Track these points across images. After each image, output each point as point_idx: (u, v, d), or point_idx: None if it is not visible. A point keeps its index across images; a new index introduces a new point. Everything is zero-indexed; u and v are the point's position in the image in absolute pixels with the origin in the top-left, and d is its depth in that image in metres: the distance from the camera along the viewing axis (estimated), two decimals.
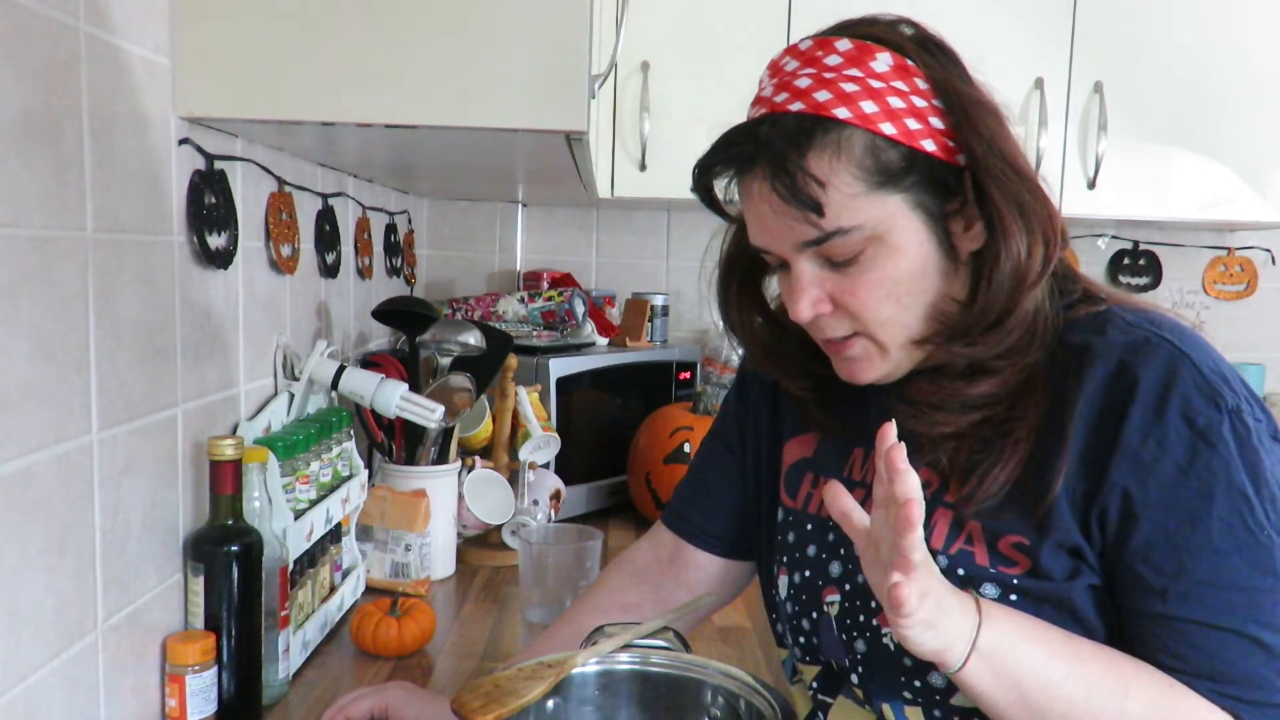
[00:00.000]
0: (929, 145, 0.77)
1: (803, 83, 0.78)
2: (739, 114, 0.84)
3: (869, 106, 0.76)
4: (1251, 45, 1.98)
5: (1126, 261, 2.45)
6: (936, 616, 0.70)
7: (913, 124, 0.77)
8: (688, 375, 2.17)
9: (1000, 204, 0.77)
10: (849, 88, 0.76)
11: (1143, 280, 2.45)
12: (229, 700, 1.05)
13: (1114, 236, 2.44)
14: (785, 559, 0.94)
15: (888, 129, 0.76)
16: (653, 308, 2.26)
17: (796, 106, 0.78)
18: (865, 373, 0.85)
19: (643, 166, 1.91)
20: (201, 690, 1.00)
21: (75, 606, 0.87)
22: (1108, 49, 1.96)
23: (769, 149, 0.78)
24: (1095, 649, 0.76)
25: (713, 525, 1.07)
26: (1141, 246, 2.45)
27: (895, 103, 0.76)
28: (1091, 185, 1.98)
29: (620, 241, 2.42)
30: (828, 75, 0.77)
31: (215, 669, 1.02)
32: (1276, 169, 2.00)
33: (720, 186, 0.85)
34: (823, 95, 0.77)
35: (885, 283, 0.80)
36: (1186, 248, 2.44)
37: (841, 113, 0.76)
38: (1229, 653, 0.73)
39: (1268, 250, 2.44)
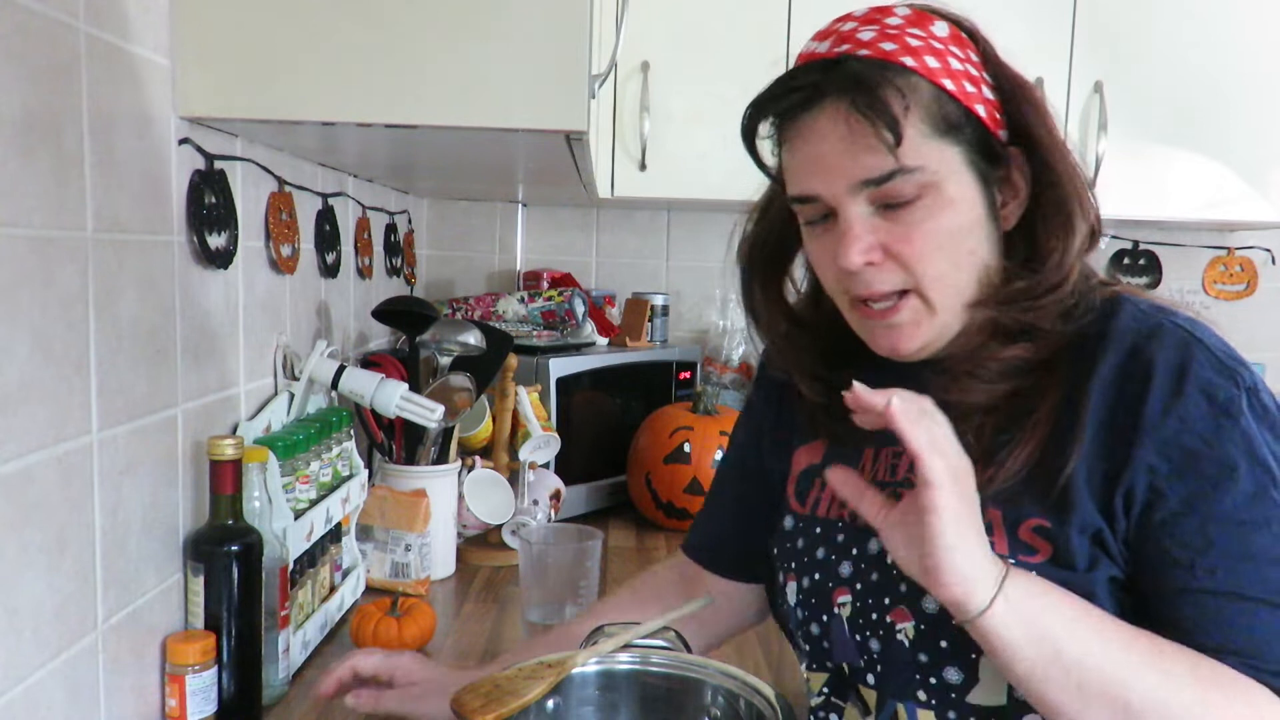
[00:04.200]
0: (980, 110, 0.79)
1: (866, 35, 0.79)
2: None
3: (932, 61, 0.78)
4: (1251, 45, 1.97)
5: (1126, 261, 2.45)
6: (961, 542, 0.70)
7: (969, 87, 0.79)
8: (688, 375, 2.17)
9: (1058, 171, 0.80)
10: (913, 42, 0.78)
11: (1143, 280, 2.44)
12: (229, 700, 1.05)
13: (1114, 236, 2.44)
14: (793, 564, 0.93)
15: (949, 84, 0.78)
16: (653, 308, 2.25)
17: (863, 53, 0.78)
18: (908, 340, 0.82)
19: (643, 166, 1.91)
20: (201, 690, 1.00)
21: (75, 606, 0.87)
22: (1108, 49, 1.95)
23: (846, 75, 0.77)
24: (1118, 620, 0.75)
25: (727, 550, 1.07)
26: (1141, 246, 2.45)
27: (954, 64, 0.79)
28: (1091, 185, 1.95)
29: (620, 241, 2.42)
30: (891, 30, 0.79)
31: (215, 669, 1.02)
32: (1276, 169, 2.00)
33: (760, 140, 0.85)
34: (889, 45, 0.78)
35: (940, 234, 0.79)
36: (1186, 247, 2.44)
37: (909, 61, 0.78)
38: (1261, 627, 0.72)
39: (1268, 250, 2.43)
